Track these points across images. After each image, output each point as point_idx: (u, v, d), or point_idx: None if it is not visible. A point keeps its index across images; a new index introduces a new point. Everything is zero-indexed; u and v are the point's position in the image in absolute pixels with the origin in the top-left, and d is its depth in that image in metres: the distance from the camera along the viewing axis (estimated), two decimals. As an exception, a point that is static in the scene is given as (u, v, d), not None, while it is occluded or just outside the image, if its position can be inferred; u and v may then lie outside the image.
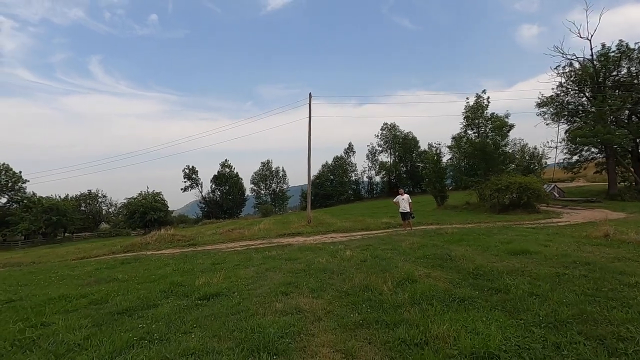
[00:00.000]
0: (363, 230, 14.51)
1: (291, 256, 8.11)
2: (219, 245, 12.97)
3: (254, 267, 7.24)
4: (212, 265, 7.88)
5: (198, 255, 10.26)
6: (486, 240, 8.16)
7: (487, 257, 6.15)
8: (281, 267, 6.85)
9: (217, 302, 4.61)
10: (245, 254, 9.36)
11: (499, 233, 9.44)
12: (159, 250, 13.52)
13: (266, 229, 17.52)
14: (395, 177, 63.27)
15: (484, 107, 26.69)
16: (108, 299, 5.28)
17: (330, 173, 65.75)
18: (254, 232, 15.97)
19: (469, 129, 27.60)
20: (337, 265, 6.60)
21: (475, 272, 5.17)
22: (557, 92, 30.77)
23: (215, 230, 17.86)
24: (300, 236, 14.00)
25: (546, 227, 12.84)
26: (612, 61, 27.61)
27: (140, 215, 55.65)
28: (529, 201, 19.89)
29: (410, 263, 6.27)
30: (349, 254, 7.64)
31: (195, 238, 15.54)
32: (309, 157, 18.95)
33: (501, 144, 25.27)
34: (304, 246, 9.91)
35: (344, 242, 10.23)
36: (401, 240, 9.42)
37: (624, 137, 23.64)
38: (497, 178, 21.90)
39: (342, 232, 14.22)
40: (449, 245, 7.91)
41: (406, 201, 12.84)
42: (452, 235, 9.45)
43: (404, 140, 62.44)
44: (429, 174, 29.37)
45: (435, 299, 4.07)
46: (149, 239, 15.15)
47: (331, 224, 17.04)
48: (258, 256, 8.64)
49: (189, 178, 69.66)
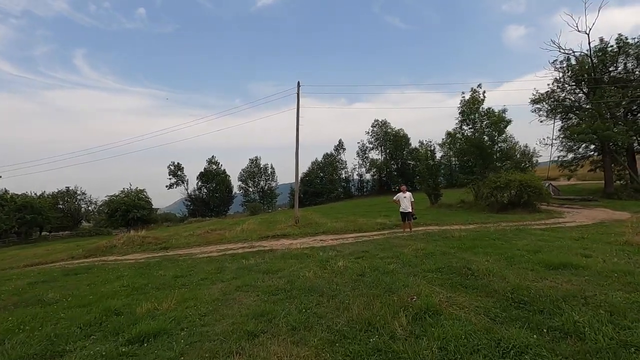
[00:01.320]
0: (355, 231, 13.12)
1: (271, 267, 6.65)
2: (194, 250, 11.41)
3: (222, 283, 5.76)
4: (173, 279, 6.36)
5: (163, 263, 8.70)
6: (505, 247, 6.85)
7: (520, 273, 4.80)
8: (256, 284, 5.38)
9: (151, 351, 3.12)
10: (218, 263, 7.85)
11: (516, 237, 8.14)
12: (124, 255, 11.88)
13: (250, 229, 15.98)
14: (385, 175, 62.25)
15: (479, 101, 25.57)
16: (5, 339, 3.73)
17: (320, 170, 64.32)
18: (235, 234, 14.43)
19: (465, 125, 26.46)
20: (328, 281, 5.17)
21: (515, 296, 3.80)
22: (553, 87, 29.93)
23: (193, 232, 16.25)
24: (286, 238, 12.53)
25: (556, 228, 11.68)
26: (609, 56, 26.86)
27: (122, 213, 53.08)
28: (530, 200, 18.83)
29: (421, 279, 4.89)
30: (341, 264, 6.22)
31: (169, 240, 13.91)
32: (297, 152, 17.49)
33: (498, 140, 24.20)
34: (288, 252, 8.46)
35: (335, 247, 8.82)
36: (402, 246, 8.05)
37: (624, 133, 22.85)
38: (495, 175, 20.81)
39: (332, 234, 12.81)
40: (462, 253, 6.57)
41: (408, 200, 11.48)
42: (461, 240, 8.12)
43: (395, 138, 61.40)
44: (422, 171, 28.21)
45: (478, 349, 2.67)
46: (115, 242, 13.45)
47: (320, 225, 15.61)
48: (232, 266, 7.15)
49: (174, 175, 67.28)
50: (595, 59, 27.27)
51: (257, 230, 15.56)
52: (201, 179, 66.85)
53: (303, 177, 64.52)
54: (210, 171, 67.03)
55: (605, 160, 27.34)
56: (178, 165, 67.82)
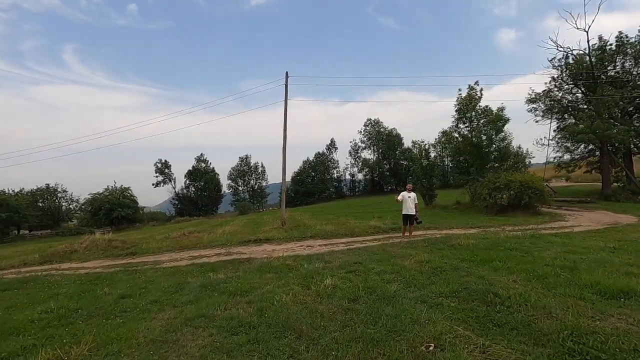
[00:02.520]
0: (347, 235, 11.87)
1: (242, 285, 5.33)
2: (163, 256, 10.00)
3: (174, 309, 4.43)
4: (115, 302, 5.01)
5: (118, 275, 7.30)
6: (528, 260, 5.66)
7: (567, 303, 3.58)
8: (215, 314, 4.06)
9: None
10: (181, 276, 6.50)
11: (535, 247, 6.96)
12: (84, 261, 10.40)
13: (232, 232, 14.60)
14: (378, 175, 61.25)
15: (477, 99, 24.57)
16: None
17: (311, 169, 62.97)
18: (214, 237, 13.04)
19: (461, 123, 25.42)
20: (310, 311, 3.89)
21: (578, 347, 2.57)
22: (550, 86, 29.17)
23: (168, 234, 14.79)
24: (270, 243, 11.20)
25: (568, 234, 10.61)
26: (608, 55, 26.13)
27: (106, 212, 51.07)
28: (530, 202, 17.83)
29: (435, 311, 3.64)
30: (329, 282, 4.95)
31: (139, 244, 12.45)
32: (284, 146, 16.16)
33: (496, 139, 23.21)
34: (268, 263, 7.14)
35: (323, 257, 7.54)
36: (402, 256, 6.82)
37: (625, 133, 22.09)
38: (494, 175, 19.78)
39: (321, 239, 11.52)
40: (477, 268, 5.35)
41: (412, 200, 10.20)
42: (471, 250, 6.91)
43: (388, 137, 60.41)
44: (417, 171, 27.14)
45: None
46: (77, 246, 11.95)
47: (309, 227, 14.32)
48: (195, 282, 5.81)
49: (162, 173, 65.13)
50: (593, 57, 26.56)
51: (239, 232, 14.19)
52: (189, 177, 64.87)
53: (294, 177, 63.17)
54: (198, 169, 65.12)
55: (603, 162, 26.65)
56: (165, 163, 65.75)
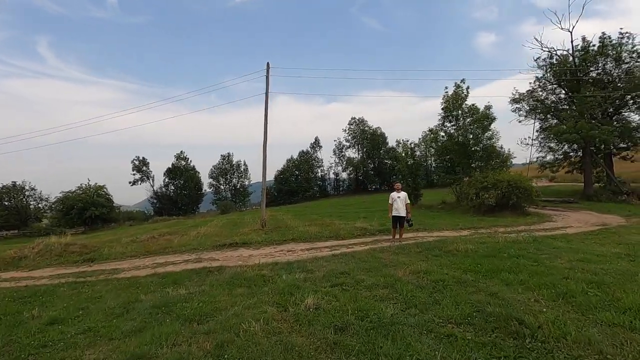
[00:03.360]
0: (332, 238, 10.97)
1: (203, 306, 4.33)
2: (123, 263, 8.82)
3: (107, 345, 3.41)
4: (39, 331, 3.92)
5: (60, 290, 6.13)
6: (542, 271, 4.89)
7: (617, 335, 2.79)
8: (158, 354, 3.07)
9: None
10: (134, 292, 5.43)
11: (540, 252, 6.24)
12: (32, 269, 9.09)
13: (207, 234, 13.45)
14: (362, 174, 60.77)
15: (463, 97, 24.18)
16: None
17: (295, 168, 61.79)
18: (187, 240, 11.89)
19: (447, 121, 24.99)
20: (285, 349, 2.96)
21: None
22: (534, 86, 29.23)
23: (136, 237, 13.48)
24: (247, 247, 10.17)
25: (562, 236, 10.09)
26: (591, 56, 26.29)
27: (79, 211, 48.46)
28: (518, 202, 17.45)
29: (449, 348, 2.78)
30: (311, 302, 4.03)
31: (101, 249, 11.16)
32: (265, 143, 15.08)
33: (482, 137, 22.86)
34: (241, 273, 6.15)
35: (305, 265, 6.61)
36: (395, 265, 5.97)
37: (609, 133, 22.13)
38: (482, 175, 19.36)
39: (304, 242, 10.58)
40: (485, 281, 4.55)
41: (402, 200, 9.30)
42: (471, 257, 6.12)
43: (373, 136, 59.96)
44: (402, 169, 26.59)
45: None
46: (27, 251, 10.55)
47: (291, 229, 13.35)
48: (147, 302, 4.75)
49: (139, 170, 62.46)
50: (577, 58, 26.70)
51: (215, 235, 13.07)
52: (168, 175, 62.47)
53: (278, 175, 61.86)
54: (178, 167, 62.82)
55: (586, 162, 26.83)
56: (143, 160, 63.19)
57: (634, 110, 26.33)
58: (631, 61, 25.66)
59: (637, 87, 24.21)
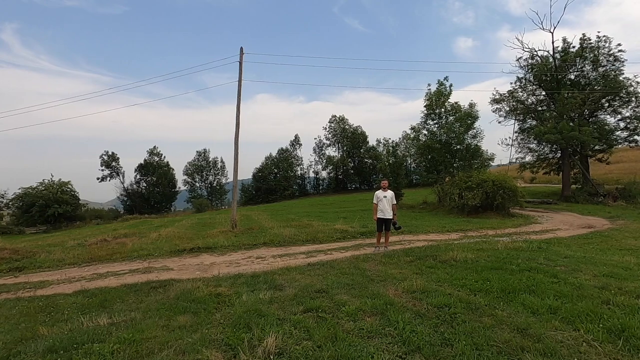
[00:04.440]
0: (309, 242, 9.80)
1: (119, 353, 3.05)
2: (55, 274, 7.29)
3: None
4: None
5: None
6: (567, 292, 3.91)
7: None
8: None
9: None
10: (38, 322, 4.05)
11: (553, 264, 5.28)
12: (-59, 282, 7.40)
13: (169, 236, 11.94)
14: (342, 173, 59.94)
15: (446, 95, 23.60)
16: None
17: (274, 166, 60.14)
18: (144, 243, 10.37)
19: (430, 119, 24.37)
20: None
21: None
22: (515, 87, 29.18)
23: (84, 240, 11.76)
24: (211, 253, 8.83)
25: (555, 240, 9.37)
26: (570, 58, 26.40)
27: (40, 208, 44.89)
28: (503, 203, 16.89)
29: None
30: (272, 343, 2.84)
31: (37, 254, 9.49)
32: (237, 134, 13.65)
33: (466, 136, 22.34)
34: (190, 291, 4.86)
35: (273, 278, 5.40)
36: (383, 279, 4.87)
37: (589, 134, 22.13)
38: (466, 175, 18.73)
39: (277, 246, 9.35)
40: (501, 306, 3.51)
41: (389, 200, 8.05)
42: (472, 269, 5.09)
43: (353, 135, 59.19)
44: (384, 168, 25.82)
45: None
46: (-59, 259, 8.80)
47: (264, 230, 12.06)
48: (41, 344, 3.40)
49: (108, 166, 58.73)
50: (557, 60, 26.75)
51: (178, 237, 11.59)
52: (140, 171, 59.26)
53: (256, 173, 60.05)
54: (151, 163, 59.71)
55: (564, 163, 26.94)
56: (113, 156, 59.44)
57: (610, 113, 26.73)
58: (607, 64, 25.99)
59: (613, 90, 24.46)
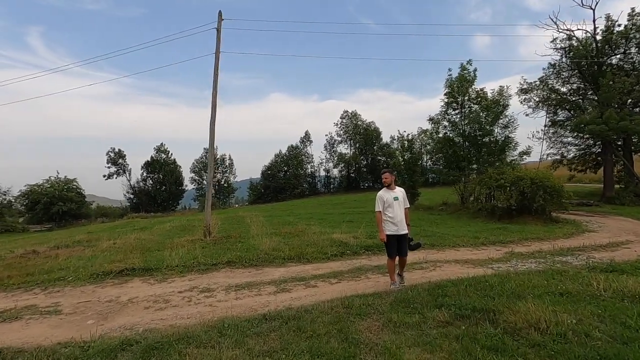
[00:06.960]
0: (292, 260, 7.15)
1: None
2: None
3: None
4: None
5: None
6: None
7: None
8: None
9: None
10: None
11: None
12: None
13: (121, 248, 9.39)
14: (354, 171, 56.96)
15: (470, 81, 20.33)
16: None
17: (283, 164, 57.62)
18: (75, 259, 7.93)
19: (451, 108, 21.10)
20: None
21: None
22: (547, 73, 25.59)
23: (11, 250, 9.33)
24: (146, 278, 6.26)
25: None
26: (614, 39, 22.71)
27: (45, 206, 43.92)
28: (544, 205, 13.72)
29: None
30: None
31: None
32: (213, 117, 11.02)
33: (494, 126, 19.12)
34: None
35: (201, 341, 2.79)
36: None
37: (643, 125, 18.66)
38: (497, 171, 15.64)
39: (244, 267, 6.73)
40: None
41: (401, 204, 5.10)
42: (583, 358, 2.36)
43: (366, 131, 56.09)
44: (398, 164, 22.79)
45: None
46: None
47: (242, 241, 9.44)
48: None
49: (114, 163, 57.62)
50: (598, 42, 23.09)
51: (132, 249, 9.08)
52: (147, 168, 57.88)
53: (264, 171, 57.75)
54: (157, 160, 58.22)
55: (607, 159, 23.32)
56: (119, 153, 58.15)
57: (662, 101, 22.98)
58: (659, 47, 22.28)
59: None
